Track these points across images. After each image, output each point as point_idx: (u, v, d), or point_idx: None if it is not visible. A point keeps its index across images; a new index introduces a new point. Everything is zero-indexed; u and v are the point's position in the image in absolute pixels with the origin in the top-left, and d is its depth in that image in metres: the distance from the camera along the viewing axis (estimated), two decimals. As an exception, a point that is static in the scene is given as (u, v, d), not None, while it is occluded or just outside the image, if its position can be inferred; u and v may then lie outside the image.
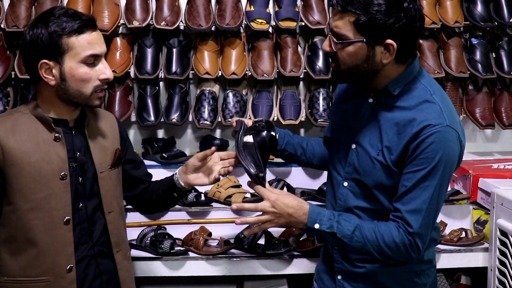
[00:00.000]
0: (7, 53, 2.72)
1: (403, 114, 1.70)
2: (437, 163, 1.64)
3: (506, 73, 2.81)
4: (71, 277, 1.77)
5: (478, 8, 2.81)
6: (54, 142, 1.74)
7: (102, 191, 1.84)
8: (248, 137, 1.87)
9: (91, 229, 1.83)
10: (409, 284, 1.82)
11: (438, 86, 1.77)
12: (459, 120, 1.74)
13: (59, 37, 1.66)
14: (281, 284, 2.81)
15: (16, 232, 1.74)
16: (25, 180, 1.71)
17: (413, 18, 1.63)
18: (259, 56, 2.78)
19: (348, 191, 1.83)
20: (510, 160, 2.85)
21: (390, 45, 1.63)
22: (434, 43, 2.83)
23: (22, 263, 1.74)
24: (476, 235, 2.59)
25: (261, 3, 2.76)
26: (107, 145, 1.89)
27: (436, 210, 1.72)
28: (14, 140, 1.70)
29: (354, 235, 1.71)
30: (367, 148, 1.76)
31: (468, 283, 2.88)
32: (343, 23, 1.64)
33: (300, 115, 2.81)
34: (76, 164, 1.78)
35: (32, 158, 1.71)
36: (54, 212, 1.74)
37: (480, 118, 2.85)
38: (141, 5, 2.70)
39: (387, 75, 1.72)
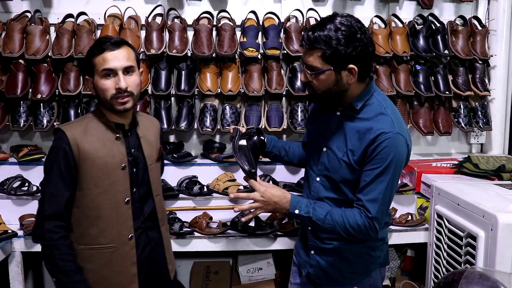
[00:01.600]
0: (53, 75, 2.74)
1: (363, 124, 1.73)
2: (389, 162, 1.68)
3: (442, 92, 2.87)
4: (132, 243, 1.85)
5: (421, 42, 2.87)
6: (116, 141, 1.83)
7: (151, 179, 1.92)
8: (242, 141, 1.90)
9: (142, 208, 1.90)
10: (366, 257, 1.87)
11: (390, 102, 1.81)
12: (406, 128, 1.78)
13: (90, 56, 1.77)
14: (267, 257, 2.91)
15: (89, 211, 1.79)
16: (95, 170, 1.77)
17: (366, 45, 1.66)
18: (250, 77, 2.82)
19: (320, 185, 1.86)
20: (445, 160, 2.91)
21: (352, 69, 1.67)
22: (388, 68, 2.88)
23: (94, 234, 1.80)
24: (419, 218, 2.67)
25: (252, 35, 2.79)
26: (153, 143, 1.97)
27: (389, 199, 1.77)
28: (86, 140, 1.77)
29: (326, 218, 1.75)
30: (335, 150, 1.80)
31: (413, 255, 2.97)
32: (313, 58, 1.68)
33: (283, 124, 2.83)
34: (131, 158, 1.86)
35: (100, 153, 1.78)
36: (118, 195, 1.82)
37: (423, 127, 2.91)
38: (157, 37, 2.73)
39: (352, 94, 1.75)
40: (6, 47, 2.65)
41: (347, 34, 1.63)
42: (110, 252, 1.82)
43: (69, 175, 1.76)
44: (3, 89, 2.69)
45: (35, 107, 2.76)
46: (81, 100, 2.81)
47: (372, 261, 1.90)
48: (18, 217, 2.58)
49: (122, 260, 1.84)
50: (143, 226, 1.91)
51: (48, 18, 2.82)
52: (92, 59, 1.76)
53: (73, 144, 1.75)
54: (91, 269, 1.81)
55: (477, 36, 2.93)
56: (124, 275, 1.85)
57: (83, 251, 1.81)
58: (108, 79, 1.75)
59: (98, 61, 1.74)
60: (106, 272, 1.82)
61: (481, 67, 2.97)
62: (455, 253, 2.22)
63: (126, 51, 1.78)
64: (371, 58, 1.73)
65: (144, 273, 1.92)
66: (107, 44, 1.75)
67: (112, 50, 1.74)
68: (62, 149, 1.75)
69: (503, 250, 1.91)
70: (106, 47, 1.74)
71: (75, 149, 1.75)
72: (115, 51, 1.75)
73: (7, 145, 2.95)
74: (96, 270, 1.82)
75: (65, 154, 1.75)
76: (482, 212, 2.02)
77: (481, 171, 2.61)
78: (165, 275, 2.01)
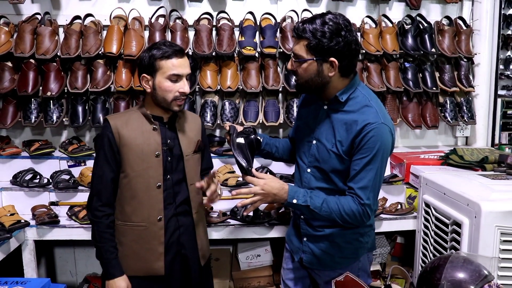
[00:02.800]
0: (62, 73, 2.73)
1: (350, 116, 1.74)
2: (377, 151, 1.69)
3: (429, 88, 2.87)
4: (161, 225, 1.92)
5: (409, 41, 2.86)
6: (153, 131, 1.91)
7: (186, 169, 1.97)
8: (240, 139, 1.91)
9: (175, 194, 1.95)
10: (356, 243, 1.88)
11: (374, 95, 1.82)
12: (390, 119, 1.79)
13: (155, 59, 1.82)
14: (265, 245, 2.92)
15: (126, 192, 1.91)
16: (132, 156, 1.88)
17: (349, 42, 1.67)
18: (248, 74, 2.82)
19: (311, 175, 1.87)
20: (433, 152, 2.92)
21: (333, 62, 1.68)
22: (378, 66, 2.89)
23: (129, 212, 1.91)
24: (408, 207, 2.68)
25: (250, 34, 2.79)
26: (191, 137, 2.01)
27: (378, 185, 1.77)
28: (126, 129, 1.88)
29: (323, 206, 1.75)
30: (324, 142, 1.80)
31: (402, 242, 2.99)
32: (299, 46, 1.71)
33: (279, 118, 2.83)
34: (166, 148, 1.92)
35: (138, 141, 1.88)
36: (150, 179, 1.90)
37: (411, 121, 2.92)
38: (160, 37, 2.72)
39: (335, 87, 1.76)
40: (18, 48, 2.64)
41: (332, 29, 1.66)
42: (140, 230, 1.92)
43: (112, 159, 1.88)
44: (15, 87, 2.68)
45: (45, 104, 2.76)
46: (88, 97, 2.80)
47: (361, 246, 1.91)
48: (30, 207, 2.59)
49: (151, 238, 1.92)
50: (173, 213, 1.97)
51: (57, 20, 2.81)
52: (157, 61, 1.83)
53: (115, 132, 1.87)
54: (124, 242, 1.93)
55: (462, 35, 2.93)
56: (152, 252, 1.93)
57: (119, 226, 1.93)
58: (173, 83, 1.85)
59: (167, 65, 1.83)
60: (136, 247, 1.93)
61: (466, 64, 2.97)
62: (441, 240, 2.23)
63: (187, 60, 1.91)
64: (354, 56, 1.73)
65: (171, 255, 1.97)
66: (174, 50, 1.84)
67: (180, 57, 1.85)
68: (106, 136, 1.88)
69: (486, 236, 1.92)
70: (175, 54, 1.84)
71: (117, 136, 1.87)
72: (181, 59, 1.86)
73: (19, 140, 2.95)
74: (128, 244, 1.93)
75: (109, 140, 1.88)
76: (466, 200, 2.03)
77: (466, 163, 2.61)
78: (194, 260, 2.04)
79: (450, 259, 1.59)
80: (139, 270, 1.94)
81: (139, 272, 1.94)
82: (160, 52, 1.83)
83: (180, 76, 1.86)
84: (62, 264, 3.25)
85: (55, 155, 2.78)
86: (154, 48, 1.85)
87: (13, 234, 2.35)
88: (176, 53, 1.85)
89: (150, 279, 1.95)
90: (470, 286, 1.50)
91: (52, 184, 2.63)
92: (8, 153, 2.70)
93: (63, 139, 2.96)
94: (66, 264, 3.24)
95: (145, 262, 1.93)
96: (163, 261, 1.94)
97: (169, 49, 1.84)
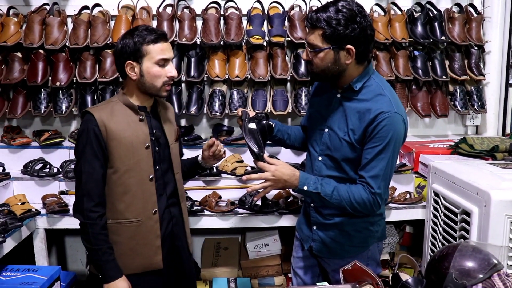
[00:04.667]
0: (70, 64, 2.74)
1: (363, 105, 1.72)
2: (389, 140, 1.68)
3: (439, 77, 2.84)
4: (156, 218, 1.88)
5: (419, 29, 2.83)
6: (139, 122, 1.84)
7: (172, 158, 1.95)
8: (252, 124, 1.87)
9: (165, 185, 1.93)
10: (365, 231, 1.87)
11: (387, 84, 1.80)
12: (403, 108, 1.77)
13: (141, 44, 1.76)
14: (274, 234, 2.92)
15: (116, 188, 1.82)
16: (122, 149, 1.80)
17: (365, 28, 1.65)
18: (256, 63, 2.80)
19: (322, 164, 1.85)
20: (442, 141, 2.88)
21: (350, 49, 1.66)
22: (387, 54, 2.86)
23: (121, 209, 1.83)
24: (417, 196, 2.66)
25: (258, 23, 2.77)
26: (171, 125, 1.99)
27: (390, 175, 1.76)
28: (113, 121, 1.79)
29: (333, 194, 1.74)
30: (336, 130, 1.79)
31: (411, 231, 2.96)
32: (314, 36, 1.68)
33: (288, 107, 2.82)
34: (154, 138, 1.88)
35: (126, 133, 1.80)
36: (142, 172, 1.84)
37: (421, 110, 2.88)
38: (168, 27, 2.71)
39: (350, 75, 1.74)
40: (27, 38, 2.65)
41: (347, 16, 1.63)
42: (136, 225, 1.85)
43: (101, 154, 1.78)
44: (25, 78, 2.70)
45: (55, 94, 2.77)
46: (97, 87, 2.81)
47: (371, 235, 1.90)
48: (41, 196, 2.61)
49: (147, 233, 1.87)
50: (166, 204, 1.94)
51: (66, 10, 2.81)
52: (144, 46, 1.76)
53: (101, 125, 1.77)
54: (119, 241, 1.84)
55: (473, 22, 2.88)
56: (149, 247, 1.88)
57: (111, 225, 1.84)
58: (162, 68, 1.80)
59: (155, 50, 1.77)
60: (132, 244, 1.86)
61: (477, 52, 2.92)
62: (450, 229, 2.20)
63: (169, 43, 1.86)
64: (369, 41, 1.71)
65: (167, 247, 1.94)
66: (160, 34, 1.79)
67: (165, 41, 1.80)
68: (92, 130, 1.77)
69: (495, 225, 1.89)
70: (161, 38, 1.78)
71: (103, 130, 1.77)
72: (166, 43, 1.81)
73: (29, 130, 2.97)
74: (123, 242, 1.85)
75: (95, 134, 1.77)
76: (476, 189, 2.00)
77: (476, 152, 2.58)
78: (185, 249, 2.04)
79: (459, 247, 1.57)
80: (137, 267, 1.88)
81: (138, 269, 1.88)
82: (145, 37, 1.77)
83: (167, 60, 1.81)
84: (72, 253, 3.27)
85: (65, 144, 2.80)
86: (136, 34, 1.77)
87: (24, 223, 2.37)
88: (162, 37, 1.80)
89: (148, 274, 1.90)
90: (479, 275, 1.49)
91: (62, 173, 2.64)
92: (18, 143, 2.72)
93: (72, 128, 2.98)
94: (76, 253, 3.27)
95: (144, 258, 1.88)
96: (161, 254, 1.89)
97: (153, 33, 1.78)
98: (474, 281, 1.48)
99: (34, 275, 2.24)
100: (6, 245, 2.20)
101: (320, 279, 2.06)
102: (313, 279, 2.08)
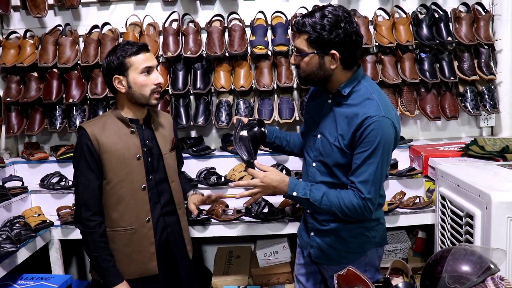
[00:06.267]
0: (83, 81, 2.85)
1: (351, 109, 1.71)
2: (377, 145, 1.65)
3: (447, 78, 2.77)
4: (149, 225, 1.94)
5: (424, 31, 2.77)
6: (131, 134, 1.91)
7: (166, 167, 1.99)
8: (243, 131, 1.90)
9: (159, 194, 1.98)
10: (361, 237, 1.84)
11: (377, 87, 1.78)
12: (394, 112, 1.74)
13: (124, 58, 1.84)
14: (283, 242, 2.87)
15: (110, 198, 1.89)
16: (114, 161, 1.87)
17: (350, 34, 1.65)
18: (261, 73, 2.82)
19: (315, 170, 1.84)
20: (454, 143, 2.80)
21: (334, 54, 1.66)
22: (393, 58, 2.81)
23: (115, 218, 1.90)
24: (427, 200, 2.59)
25: (261, 33, 2.79)
26: (166, 135, 2.04)
27: (380, 180, 1.72)
28: (104, 135, 1.86)
29: (323, 200, 1.73)
30: (327, 136, 1.78)
31: (424, 237, 2.88)
32: (300, 41, 1.69)
33: (294, 115, 2.81)
34: (146, 149, 1.94)
35: (118, 146, 1.87)
36: (135, 182, 1.90)
37: (430, 112, 2.81)
38: (173, 41, 2.77)
39: (338, 80, 1.73)
40: (42, 58, 2.78)
41: (332, 22, 1.64)
42: (130, 233, 1.91)
43: (95, 166, 1.86)
44: (41, 96, 2.82)
45: (69, 110, 2.88)
46: (108, 102, 2.90)
47: (367, 240, 1.87)
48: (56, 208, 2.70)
49: (141, 240, 1.93)
50: (160, 213, 1.98)
51: (78, 30, 2.94)
52: (126, 59, 1.85)
53: (93, 139, 1.85)
54: (115, 248, 1.91)
55: (481, 21, 2.79)
56: (144, 254, 1.93)
57: (107, 233, 1.90)
58: (147, 76, 1.87)
59: (137, 60, 1.85)
60: (128, 251, 1.92)
61: (486, 51, 2.83)
62: (456, 233, 2.14)
63: (152, 54, 1.95)
64: (355, 47, 1.70)
65: (163, 254, 1.98)
66: (140, 46, 1.87)
67: (146, 52, 1.89)
68: (85, 144, 1.85)
69: (497, 228, 1.82)
70: (141, 49, 1.87)
71: (95, 143, 1.85)
72: (148, 53, 1.89)
73: (48, 146, 3.09)
74: (118, 249, 1.91)
75: (88, 148, 1.85)
76: (478, 191, 1.93)
77: (487, 153, 2.49)
78: (183, 256, 2.06)
79: (452, 251, 1.53)
80: (133, 273, 1.93)
81: (133, 275, 1.93)
82: (127, 50, 1.85)
83: (151, 67, 1.88)
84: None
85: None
86: (118, 50, 1.86)
87: (39, 234, 2.47)
88: (142, 48, 1.87)
89: (144, 280, 1.95)
90: (472, 278, 1.44)
91: (76, 186, 2.73)
92: (36, 158, 2.84)
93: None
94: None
95: (139, 264, 1.93)
96: (155, 260, 1.94)
97: (134, 46, 1.86)
98: (466, 285, 1.44)
99: (46, 283, 2.34)
100: (21, 255, 2.30)
101: (322, 286, 2.04)
102: (315, 286, 2.05)
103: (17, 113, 2.90)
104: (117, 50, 1.86)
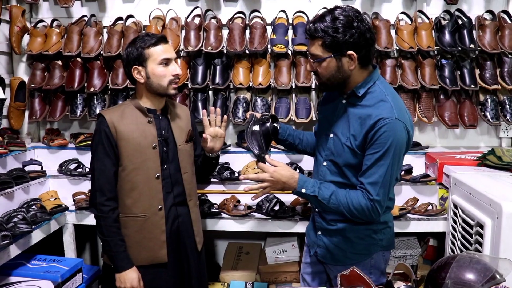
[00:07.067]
0: (104, 71, 2.92)
1: (365, 110, 1.71)
2: (389, 147, 1.65)
3: (468, 86, 2.74)
4: (161, 214, 1.98)
5: (446, 37, 2.74)
6: (148, 124, 1.96)
7: (180, 158, 2.03)
8: (255, 126, 1.91)
9: (173, 184, 2.02)
10: (368, 239, 1.84)
11: (392, 89, 1.78)
12: (407, 115, 1.73)
13: (143, 49, 1.90)
14: (292, 240, 2.90)
15: (125, 184, 1.94)
16: (130, 149, 1.92)
17: (363, 32, 1.65)
18: (280, 71, 2.83)
19: (326, 169, 1.85)
20: (471, 152, 2.76)
21: (351, 55, 1.66)
22: (413, 63, 2.79)
23: (129, 204, 1.95)
24: (440, 208, 2.58)
25: (282, 32, 2.80)
26: (183, 126, 2.08)
27: (390, 182, 1.71)
28: (122, 123, 1.92)
29: (331, 198, 1.73)
30: (340, 136, 1.78)
31: (435, 245, 2.85)
32: (315, 47, 1.70)
33: (310, 115, 2.81)
34: (162, 139, 1.99)
35: (134, 134, 1.93)
36: (149, 171, 1.95)
37: (448, 120, 2.79)
38: (195, 36, 2.81)
39: (355, 80, 1.73)
40: (66, 47, 2.85)
41: (344, 23, 1.64)
42: (142, 220, 1.96)
43: (112, 153, 1.91)
44: (63, 84, 2.89)
45: (90, 99, 2.95)
46: (128, 92, 2.95)
47: (374, 243, 1.86)
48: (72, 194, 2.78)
49: (153, 228, 1.97)
50: (172, 202, 2.02)
51: (102, 21, 3.00)
52: (145, 50, 1.90)
53: (111, 126, 1.90)
54: (127, 234, 1.96)
55: (506, 30, 2.74)
56: (155, 241, 1.98)
57: (120, 218, 1.95)
58: (165, 67, 1.91)
59: (156, 52, 1.90)
60: (139, 238, 1.96)
61: (510, 61, 2.78)
62: (467, 242, 2.12)
63: (171, 46, 2.01)
64: (370, 44, 1.71)
65: (173, 244, 2.02)
66: (159, 38, 1.92)
67: (165, 43, 1.94)
68: (103, 131, 1.91)
69: (507, 239, 1.80)
70: (160, 41, 1.91)
71: (113, 131, 1.90)
72: (167, 45, 1.94)
73: (68, 133, 3.17)
74: (130, 235, 1.96)
75: (106, 134, 1.90)
76: (489, 200, 1.91)
77: (504, 164, 2.45)
78: (192, 247, 2.10)
79: (457, 258, 1.53)
80: (143, 260, 1.97)
81: (144, 262, 1.97)
82: (146, 42, 1.89)
83: (169, 59, 1.93)
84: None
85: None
86: (137, 41, 1.91)
87: (54, 217, 2.54)
88: (161, 39, 1.92)
89: (154, 267, 1.99)
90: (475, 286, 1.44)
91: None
92: (56, 144, 2.91)
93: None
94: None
95: (149, 251, 1.97)
96: (165, 248, 1.98)
97: (153, 37, 1.91)
98: (469, 292, 1.43)
99: (58, 265, 2.41)
100: (35, 236, 2.38)
101: (328, 286, 2.03)
102: (320, 286, 2.05)
103: (40, 99, 2.98)
104: (137, 41, 1.91)
